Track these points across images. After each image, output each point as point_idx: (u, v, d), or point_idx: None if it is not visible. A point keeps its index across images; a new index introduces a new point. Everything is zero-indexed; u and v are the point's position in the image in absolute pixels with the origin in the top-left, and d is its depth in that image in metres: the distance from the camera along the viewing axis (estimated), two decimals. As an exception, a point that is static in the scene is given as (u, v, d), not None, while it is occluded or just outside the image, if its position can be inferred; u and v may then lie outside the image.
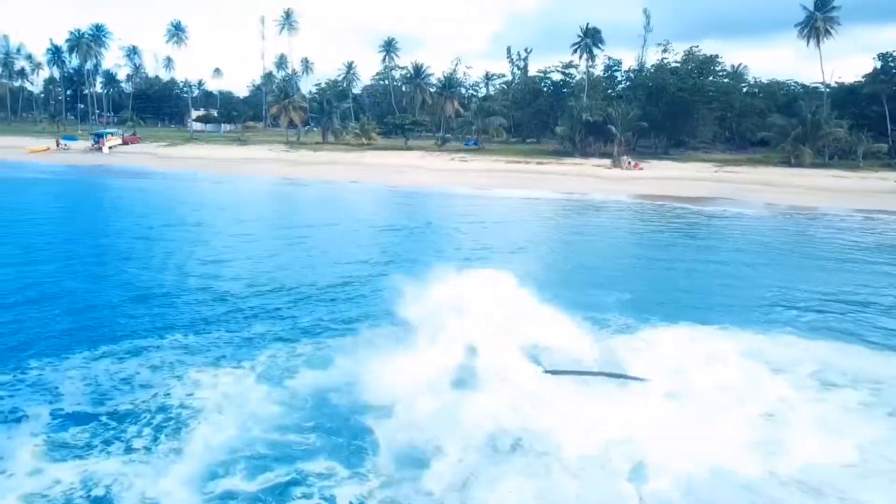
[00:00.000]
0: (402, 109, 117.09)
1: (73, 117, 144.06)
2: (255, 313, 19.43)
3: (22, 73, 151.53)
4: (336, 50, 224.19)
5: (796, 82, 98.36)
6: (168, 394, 13.81)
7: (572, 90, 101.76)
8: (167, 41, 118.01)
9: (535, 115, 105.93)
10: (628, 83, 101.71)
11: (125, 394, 13.78)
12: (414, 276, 21.56)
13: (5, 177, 61.62)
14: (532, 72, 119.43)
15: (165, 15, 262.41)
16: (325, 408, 13.20)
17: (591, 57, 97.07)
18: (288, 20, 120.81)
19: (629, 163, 73.92)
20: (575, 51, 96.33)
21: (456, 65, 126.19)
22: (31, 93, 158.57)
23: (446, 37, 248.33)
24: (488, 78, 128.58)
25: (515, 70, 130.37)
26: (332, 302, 20.73)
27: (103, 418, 12.69)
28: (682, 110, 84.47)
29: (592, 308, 19.39)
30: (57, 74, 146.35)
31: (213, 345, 16.70)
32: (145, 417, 12.75)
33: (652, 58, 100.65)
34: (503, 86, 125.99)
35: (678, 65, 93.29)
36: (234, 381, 14.57)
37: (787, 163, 71.87)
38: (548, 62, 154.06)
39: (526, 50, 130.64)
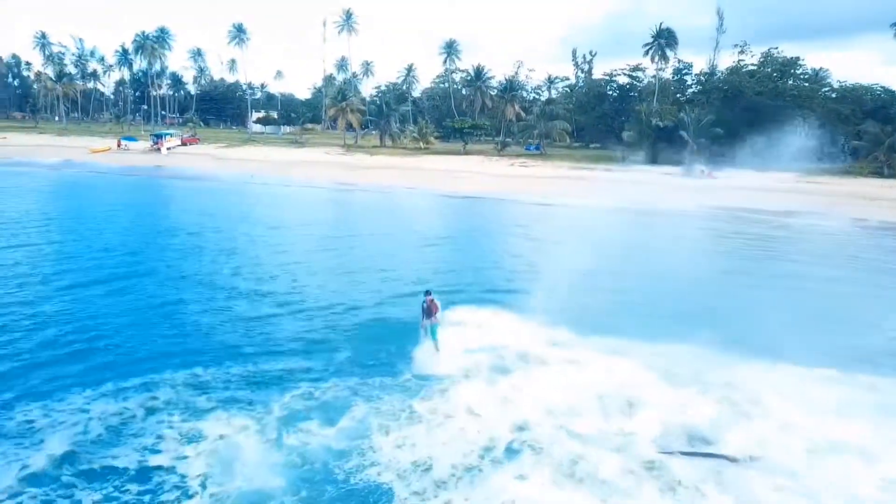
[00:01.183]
0: (462, 113, 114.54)
1: (140, 118, 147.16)
2: (282, 342, 16.86)
3: (94, 75, 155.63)
4: (397, 53, 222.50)
5: (883, 87, 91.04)
6: (157, 449, 11.34)
7: (640, 94, 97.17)
8: (229, 42, 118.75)
9: (599, 120, 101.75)
10: (699, 87, 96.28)
11: (106, 445, 11.38)
12: (463, 309, 19.31)
13: (48, 177, 61.57)
14: (597, 75, 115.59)
15: (232, 19, 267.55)
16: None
17: (664, 59, 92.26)
18: (348, 21, 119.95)
19: (702, 171, 69.21)
20: (646, 52, 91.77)
21: (518, 68, 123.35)
22: (102, 94, 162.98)
23: (509, 40, 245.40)
24: (551, 81, 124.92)
25: (580, 73, 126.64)
26: (368, 335, 17.80)
27: (73, 476, 10.32)
28: (760, 115, 79.02)
29: (682, 349, 16.27)
30: (127, 76, 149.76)
31: (228, 381, 14.19)
32: (119, 480, 10.38)
33: (725, 61, 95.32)
34: (566, 89, 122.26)
35: (755, 67, 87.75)
36: (237, 432, 12.13)
37: (878, 173, 65.94)
38: (613, 66, 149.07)
39: (591, 53, 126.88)
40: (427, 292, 15.86)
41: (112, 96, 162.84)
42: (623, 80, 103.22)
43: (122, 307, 19.37)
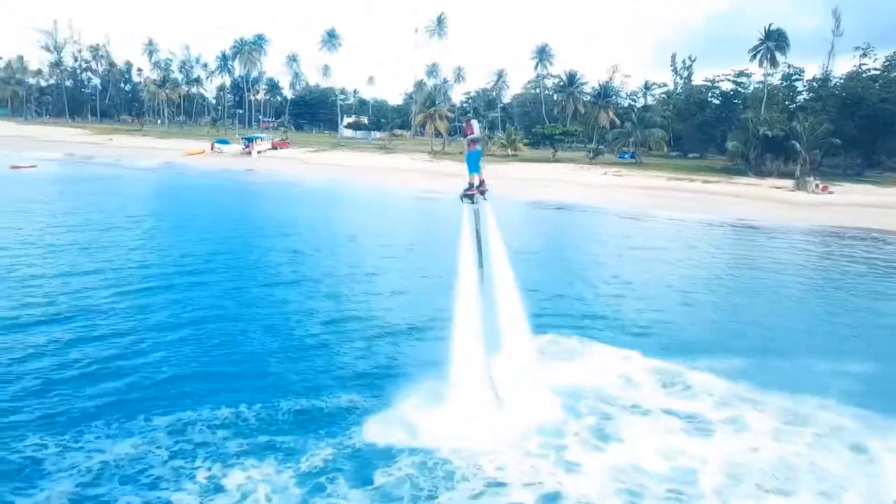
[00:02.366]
0: (553, 119, 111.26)
1: (237, 122, 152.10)
2: (343, 373, 14.87)
3: (197, 81, 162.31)
4: (489, 58, 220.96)
5: None
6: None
7: (745, 101, 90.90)
8: (321, 48, 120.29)
9: (699, 128, 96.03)
10: (812, 94, 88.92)
11: (112, 495, 9.75)
12: (547, 337, 17.03)
13: (142, 178, 63.07)
14: (697, 81, 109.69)
15: (327, 25, 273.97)
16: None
17: (773, 63, 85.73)
18: (440, 27, 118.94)
19: (817, 185, 63.32)
20: (753, 56, 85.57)
21: (613, 73, 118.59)
22: (204, 98, 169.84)
23: (604, 45, 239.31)
24: (647, 87, 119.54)
25: (678, 79, 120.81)
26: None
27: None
28: (884, 125, 71.98)
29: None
30: (227, 82, 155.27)
31: (270, 421, 12.28)
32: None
33: (842, 66, 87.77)
34: (664, 96, 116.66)
35: (878, 72, 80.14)
36: (261, 482, 10.28)
37: None
38: (714, 71, 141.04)
39: (690, 58, 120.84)
40: (464, 112, 12.98)
41: (213, 100, 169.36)
42: (726, 86, 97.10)
43: (172, 321, 17.86)
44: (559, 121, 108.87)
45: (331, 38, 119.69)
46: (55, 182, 51.81)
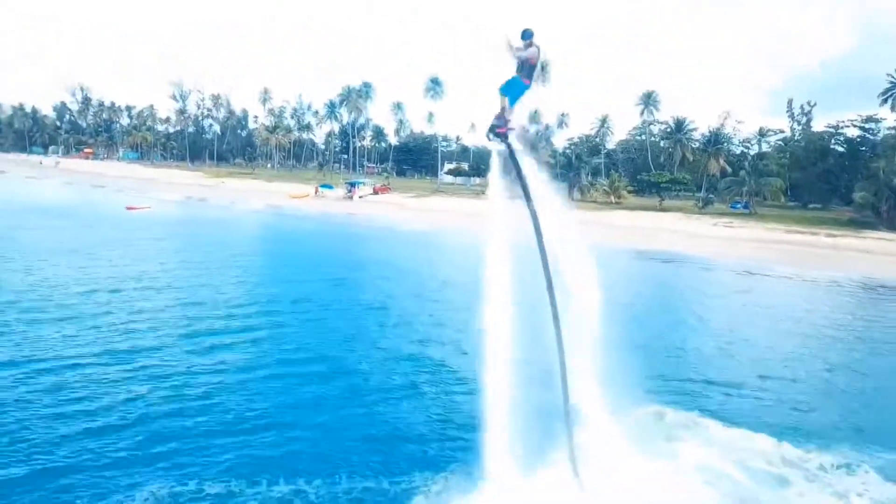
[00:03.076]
0: (660, 167, 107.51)
1: (343, 166, 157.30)
2: (421, 442, 13.24)
3: (308, 127, 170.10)
4: (592, 103, 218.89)
5: None
6: None
7: (874, 148, 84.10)
8: (425, 96, 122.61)
9: (820, 177, 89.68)
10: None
11: None
12: (650, 410, 14.57)
13: (247, 220, 64.95)
14: (817, 128, 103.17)
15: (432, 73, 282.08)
16: None
17: (907, 107, 79.21)
18: (542, 73, 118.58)
19: (962, 242, 56.77)
20: (884, 100, 79.37)
21: (724, 119, 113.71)
22: (314, 143, 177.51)
23: (714, 90, 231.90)
24: (762, 134, 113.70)
25: (796, 126, 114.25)
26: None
27: None
28: None
29: None
30: (336, 128, 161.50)
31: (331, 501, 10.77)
32: None
33: None
34: (780, 143, 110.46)
35: None
36: None
37: None
38: (836, 117, 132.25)
39: (809, 104, 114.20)
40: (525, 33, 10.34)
41: (322, 145, 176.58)
42: (852, 132, 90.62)
43: (241, 373, 16.88)
44: (666, 168, 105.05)
45: (435, 85, 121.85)
46: (165, 223, 54.00)
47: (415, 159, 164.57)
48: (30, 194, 74.95)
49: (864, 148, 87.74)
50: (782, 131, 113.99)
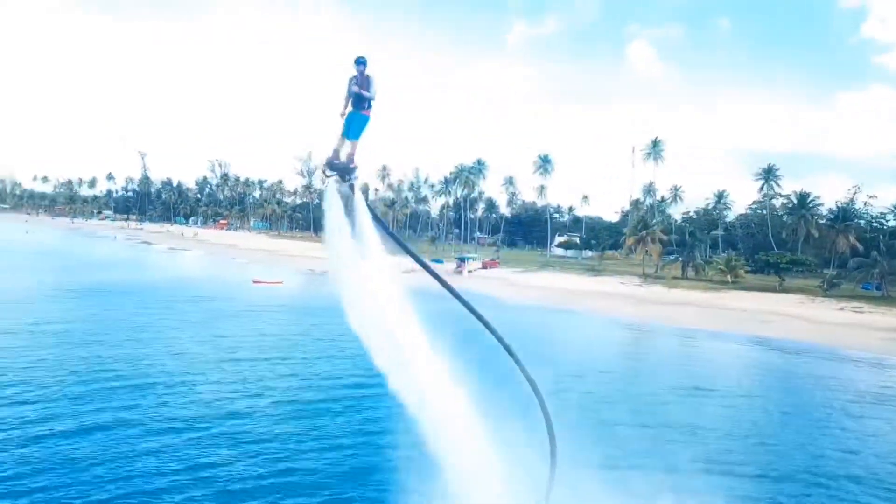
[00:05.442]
0: (782, 243, 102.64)
1: (456, 238, 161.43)
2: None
3: (424, 200, 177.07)
4: (709, 175, 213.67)
5: None
6: None
7: None
8: (534, 172, 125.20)
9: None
10: None
11: None
12: None
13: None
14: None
15: (546, 148, 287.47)
16: None
17: None
18: (655, 149, 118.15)
19: None
20: None
21: (854, 193, 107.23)
22: (429, 215, 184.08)
23: (841, 160, 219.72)
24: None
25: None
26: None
27: None
28: None
29: None
30: (450, 201, 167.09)
31: None
32: None
33: None
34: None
35: None
36: None
37: None
38: None
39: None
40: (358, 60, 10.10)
41: (436, 217, 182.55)
42: None
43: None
44: (788, 244, 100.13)
45: (544, 162, 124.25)
46: (286, 298, 57.58)
47: (526, 231, 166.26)
48: (173, 267, 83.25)
49: None
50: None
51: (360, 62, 10.64)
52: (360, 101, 10.60)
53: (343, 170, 10.65)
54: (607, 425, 21.76)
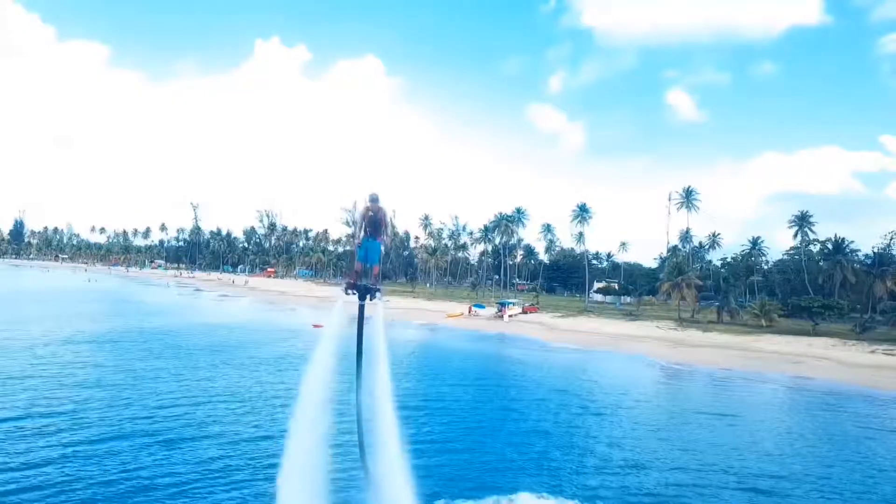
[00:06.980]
0: (818, 288, 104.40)
1: (495, 284, 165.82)
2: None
3: (464, 247, 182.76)
4: (745, 220, 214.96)
5: None
6: None
7: None
8: (572, 220, 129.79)
9: None
10: None
11: None
12: None
13: (403, 337, 72.41)
14: None
15: (585, 195, 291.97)
16: None
17: None
18: (688, 199, 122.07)
19: None
20: None
21: (891, 239, 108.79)
22: (468, 262, 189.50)
23: (876, 207, 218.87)
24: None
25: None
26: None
27: None
28: None
29: None
30: (489, 248, 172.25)
31: None
32: None
33: None
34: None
35: None
36: None
37: None
38: None
39: None
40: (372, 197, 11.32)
41: (475, 263, 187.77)
42: None
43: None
44: (825, 289, 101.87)
45: (582, 212, 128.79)
46: (347, 339, 62.49)
47: (565, 277, 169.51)
48: (235, 313, 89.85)
49: None
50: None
51: (374, 199, 12.10)
52: (375, 231, 12.09)
53: (367, 291, 12.61)
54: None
